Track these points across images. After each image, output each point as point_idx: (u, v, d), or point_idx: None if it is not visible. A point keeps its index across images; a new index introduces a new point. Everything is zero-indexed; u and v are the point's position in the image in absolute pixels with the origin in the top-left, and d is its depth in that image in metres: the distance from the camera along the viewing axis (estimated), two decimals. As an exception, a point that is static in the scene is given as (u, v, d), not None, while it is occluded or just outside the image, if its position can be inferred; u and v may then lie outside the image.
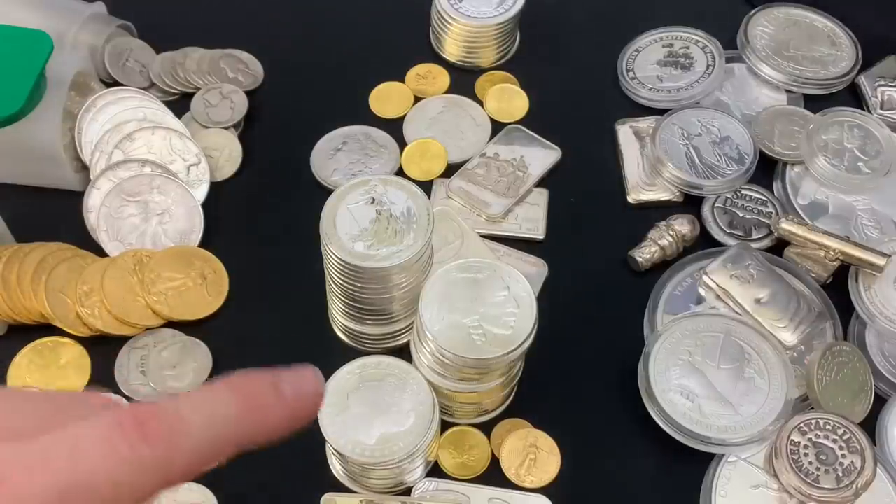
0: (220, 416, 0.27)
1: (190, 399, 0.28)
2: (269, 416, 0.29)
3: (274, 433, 0.29)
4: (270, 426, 0.29)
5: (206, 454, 0.27)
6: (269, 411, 0.29)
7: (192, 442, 0.26)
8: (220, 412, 0.27)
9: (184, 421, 0.27)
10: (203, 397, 0.28)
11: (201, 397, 0.28)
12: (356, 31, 0.67)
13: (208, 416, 0.27)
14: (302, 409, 0.30)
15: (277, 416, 0.29)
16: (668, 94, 0.63)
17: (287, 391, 0.29)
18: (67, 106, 0.56)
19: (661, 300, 0.54)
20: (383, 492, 0.48)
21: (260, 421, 0.28)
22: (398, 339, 0.52)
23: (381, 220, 0.46)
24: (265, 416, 0.29)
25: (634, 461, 0.50)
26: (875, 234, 0.57)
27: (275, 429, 0.29)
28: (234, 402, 0.28)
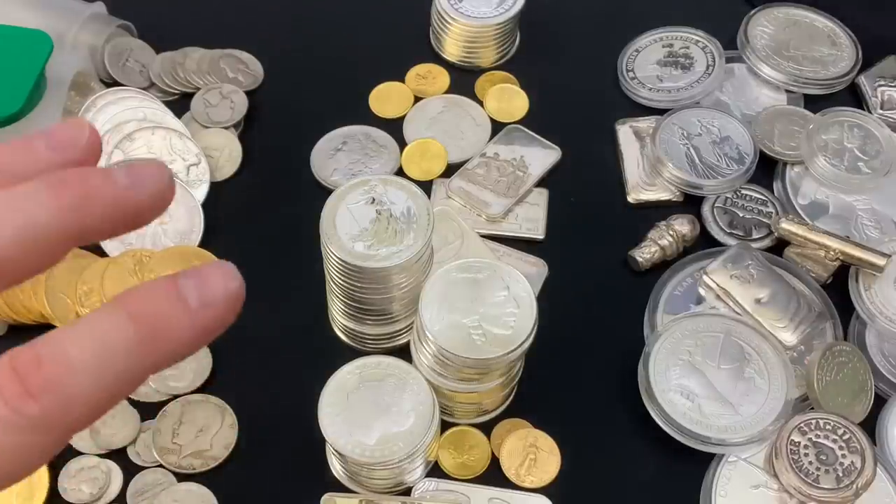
0: (116, 346, 0.23)
1: (77, 332, 0.23)
2: (175, 333, 0.24)
3: (184, 352, 0.25)
4: (178, 344, 0.24)
5: (107, 393, 0.23)
6: (175, 327, 0.24)
7: (86, 383, 0.23)
8: (115, 340, 0.23)
9: (73, 363, 0.23)
10: (92, 327, 0.23)
11: (90, 327, 0.23)
12: (356, 31, 0.67)
13: (101, 349, 0.23)
14: (215, 315, 0.25)
15: (185, 331, 0.24)
16: (668, 94, 0.63)
17: (192, 298, 0.24)
18: (67, 106, 0.56)
19: (661, 300, 0.54)
20: (383, 492, 0.48)
21: (165, 341, 0.24)
22: (398, 339, 0.52)
23: (381, 220, 0.46)
24: (170, 334, 0.24)
25: (634, 461, 0.50)
26: (875, 234, 0.57)
27: (184, 346, 0.25)
28: (130, 323, 0.24)
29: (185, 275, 0.25)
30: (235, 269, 0.26)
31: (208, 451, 0.49)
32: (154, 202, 0.26)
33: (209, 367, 0.51)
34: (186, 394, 0.51)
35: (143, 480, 0.48)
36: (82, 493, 0.47)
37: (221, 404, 0.50)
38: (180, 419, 0.50)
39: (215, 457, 0.49)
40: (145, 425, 0.50)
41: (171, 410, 0.50)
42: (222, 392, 0.51)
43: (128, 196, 0.25)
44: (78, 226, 0.24)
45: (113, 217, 0.25)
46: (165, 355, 0.24)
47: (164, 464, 0.48)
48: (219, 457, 0.49)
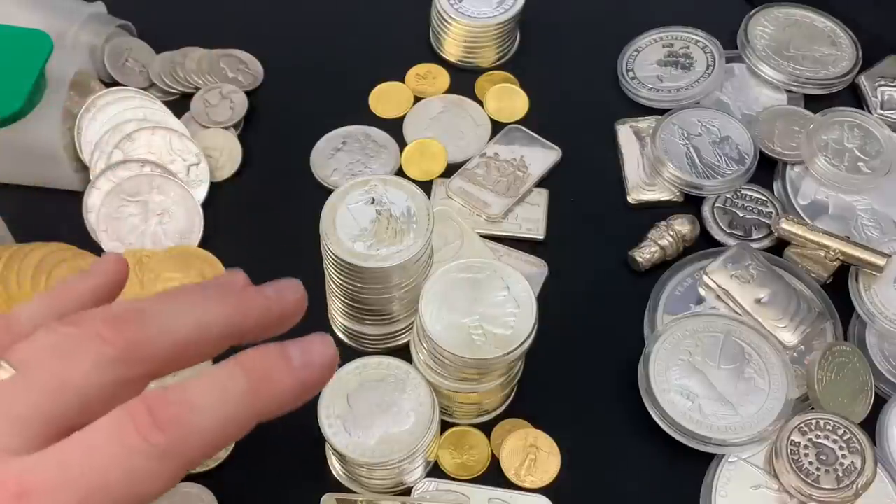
0: (231, 393, 0.28)
1: (199, 381, 0.28)
2: (280, 386, 0.29)
3: (287, 403, 0.29)
4: (282, 396, 0.29)
5: (222, 432, 0.28)
6: (279, 381, 0.29)
7: (205, 422, 0.27)
8: (230, 389, 0.28)
9: (194, 402, 0.27)
10: (213, 377, 0.28)
11: (210, 378, 0.28)
12: (356, 31, 0.67)
13: (218, 394, 0.28)
14: (312, 375, 0.30)
15: (288, 385, 0.29)
16: (668, 94, 0.63)
17: (295, 359, 0.30)
18: (67, 106, 0.56)
19: (661, 300, 0.54)
20: (383, 492, 0.48)
21: (271, 392, 0.29)
22: (398, 339, 0.52)
23: (381, 220, 0.46)
24: (275, 387, 0.29)
25: (634, 461, 0.50)
26: (875, 234, 0.57)
27: (287, 398, 0.29)
28: (243, 376, 0.28)
29: (292, 341, 0.31)
30: (331, 340, 0.32)
31: (208, 451, 0.49)
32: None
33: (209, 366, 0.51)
34: (186, 394, 0.51)
35: (143, 480, 0.48)
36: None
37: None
38: (180, 419, 0.49)
39: (215, 457, 0.49)
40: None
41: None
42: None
43: (273, 306, 0.33)
44: (237, 325, 0.31)
45: (262, 321, 0.32)
46: (272, 404, 0.29)
47: (164, 464, 0.48)
48: (219, 457, 0.49)
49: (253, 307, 0.32)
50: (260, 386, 0.29)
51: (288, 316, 0.33)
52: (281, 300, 0.33)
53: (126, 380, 0.29)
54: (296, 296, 0.33)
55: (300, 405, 0.30)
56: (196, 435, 0.27)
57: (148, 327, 0.29)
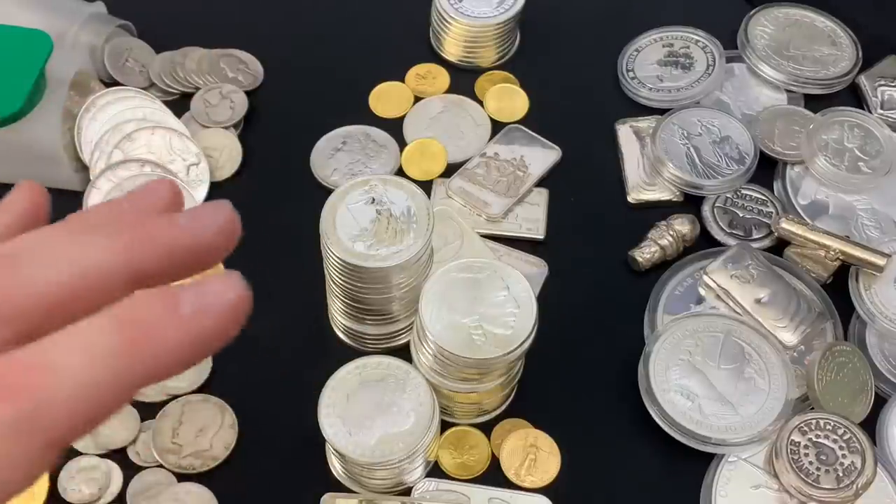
0: (99, 351, 0.22)
1: (62, 336, 0.22)
2: (163, 341, 0.23)
3: (174, 362, 0.23)
4: (167, 354, 0.23)
5: (91, 400, 0.22)
6: (163, 335, 0.23)
7: (67, 389, 0.22)
8: (99, 346, 0.22)
9: (54, 363, 0.22)
10: (79, 332, 0.22)
11: (75, 332, 0.22)
12: (356, 31, 0.67)
13: (84, 353, 0.22)
14: (207, 325, 0.23)
15: (173, 339, 0.23)
16: (669, 93, 0.63)
17: (185, 304, 0.23)
18: (67, 106, 0.56)
19: (661, 300, 0.54)
20: (383, 492, 0.48)
21: (152, 350, 0.22)
22: (398, 339, 0.52)
23: (381, 220, 0.46)
24: (157, 342, 0.23)
25: (634, 461, 0.50)
26: (875, 234, 0.57)
27: (174, 356, 0.23)
28: (116, 330, 0.22)
29: (185, 284, 0.24)
30: (240, 278, 0.25)
31: (208, 451, 0.49)
32: (216, 241, 0.26)
33: (209, 367, 0.51)
34: (186, 394, 0.51)
35: (143, 480, 0.48)
36: (82, 494, 0.47)
37: (221, 404, 0.50)
38: (180, 419, 0.50)
39: (215, 457, 0.49)
40: (145, 425, 0.50)
41: (170, 410, 0.50)
42: (222, 392, 0.51)
43: (185, 236, 0.25)
44: (135, 266, 0.24)
45: (172, 258, 0.25)
46: (154, 364, 0.23)
47: (164, 464, 0.48)
48: (219, 457, 0.49)
49: (156, 241, 0.25)
50: (137, 342, 0.22)
51: (209, 249, 0.26)
52: (196, 229, 0.26)
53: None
54: (216, 221, 0.26)
55: (196, 364, 0.24)
56: (57, 405, 0.21)
57: (16, 276, 0.23)
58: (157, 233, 0.25)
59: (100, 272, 0.24)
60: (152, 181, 0.28)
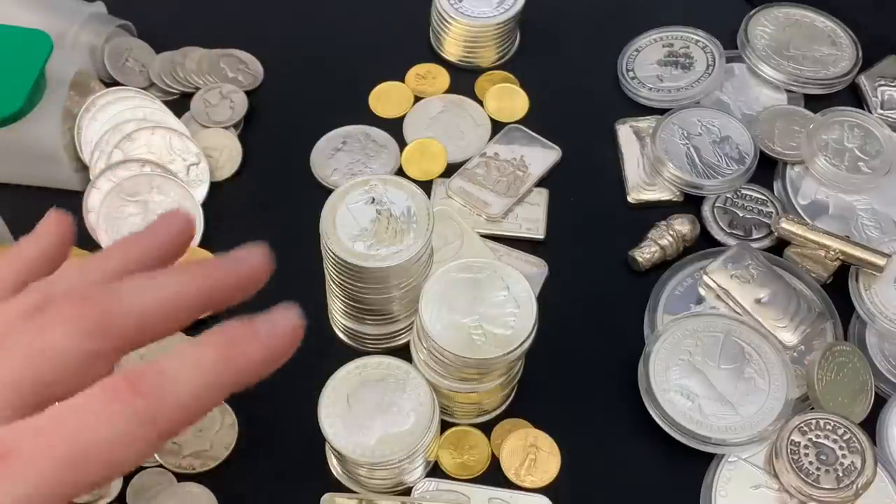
0: (204, 364, 0.30)
1: (172, 355, 0.30)
2: (249, 355, 0.31)
3: (257, 371, 0.31)
4: (253, 365, 0.31)
5: (198, 400, 0.30)
6: (248, 351, 0.31)
7: (180, 389, 0.29)
8: (203, 360, 0.30)
9: (170, 373, 0.29)
10: (183, 351, 0.30)
11: (182, 351, 0.30)
12: (356, 31, 0.67)
13: (192, 365, 0.30)
14: (280, 344, 0.32)
15: (257, 354, 0.31)
16: (669, 93, 0.63)
17: (261, 329, 0.31)
18: (67, 106, 0.56)
19: (661, 300, 0.54)
20: (383, 492, 0.48)
21: (241, 362, 0.31)
22: (398, 339, 0.52)
23: (381, 220, 0.46)
24: (245, 356, 0.31)
25: (634, 461, 0.50)
26: (875, 234, 0.57)
27: (257, 367, 0.31)
28: (213, 348, 0.30)
29: (258, 315, 0.32)
30: (296, 309, 0.33)
31: (208, 451, 0.49)
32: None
33: (209, 367, 0.51)
34: (186, 394, 0.51)
35: (143, 480, 0.48)
36: (82, 494, 0.47)
37: (221, 404, 0.50)
38: (180, 419, 0.49)
39: (215, 457, 0.49)
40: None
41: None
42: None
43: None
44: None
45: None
46: (243, 373, 0.31)
47: (164, 464, 0.48)
48: (219, 457, 0.49)
49: (219, 278, 0.34)
50: (230, 356, 0.30)
51: (253, 281, 0.35)
52: (243, 267, 0.36)
53: (99, 352, 0.30)
54: (259, 260, 0.36)
55: (271, 372, 0.32)
56: (174, 402, 0.29)
57: (120, 301, 0.31)
58: (219, 273, 0.35)
59: (182, 301, 0.32)
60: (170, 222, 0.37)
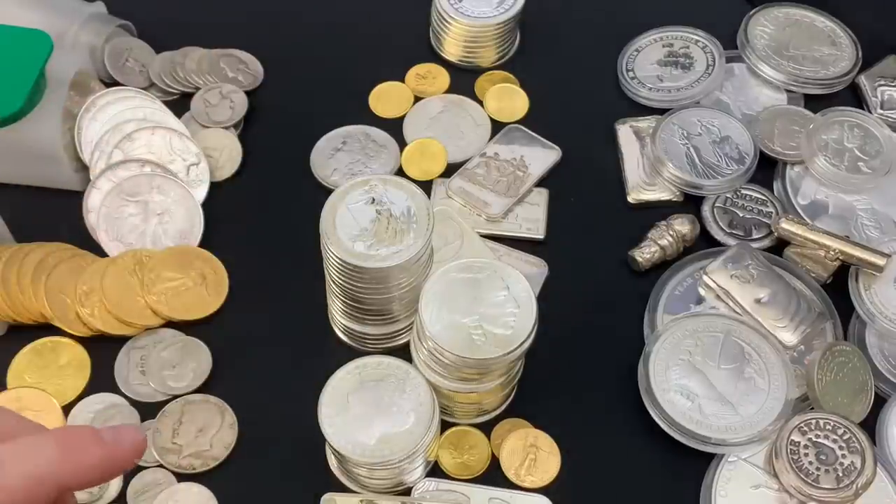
0: (39, 456, 0.31)
1: (10, 443, 0.31)
2: (89, 456, 0.32)
3: (95, 473, 0.33)
4: (91, 467, 0.32)
5: (27, 490, 0.30)
6: (87, 453, 0.32)
7: (10, 480, 0.30)
8: (39, 453, 0.31)
9: (2, 460, 0.30)
10: (24, 441, 0.31)
11: (22, 441, 0.31)
12: (356, 31, 0.67)
13: (26, 455, 0.31)
14: (121, 452, 0.33)
15: (96, 457, 0.32)
16: (668, 93, 0.63)
17: (106, 436, 0.33)
18: (67, 106, 0.56)
19: (661, 300, 0.54)
20: (383, 492, 0.48)
21: (79, 460, 0.32)
22: (398, 339, 0.52)
23: (381, 220, 0.46)
24: (84, 456, 0.32)
25: (634, 461, 0.50)
26: (875, 234, 0.57)
27: (96, 470, 0.32)
28: (53, 443, 0.32)
29: (105, 427, 0.34)
30: (139, 428, 0.35)
31: (208, 451, 0.49)
32: (131, 456, 0.34)
33: (209, 367, 0.51)
34: (186, 394, 0.51)
35: (143, 480, 0.48)
36: (82, 494, 0.47)
37: (221, 404, 0.50)
38: (180, 419, 0.50)
39: (215, 457, 0.49)
40: (145, 425, 0.50)
41: (171, 410, 0.50)
42: (222, 392, 0.51)
43: (113, 451, 0.33)
44: (71, 473, 0.32)
45: (101, 469, 0.33)
46: (79, 471, 0.32)
47: (164, 464, 0.48)
48: (219, 457, 0.49)
49: (90, 457, 0.33)
50: (69, 452, 0.31)
51: (125, 462, 0.34)
52: (117, 449, 0.34)
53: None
54: (133, 442, 0.34)
55: (107, 480, 0.33)
56: (4, 487, 0.30)
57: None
58: (90, 453, 0.33)
59: (46, 480, 0.31)
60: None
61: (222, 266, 0.55)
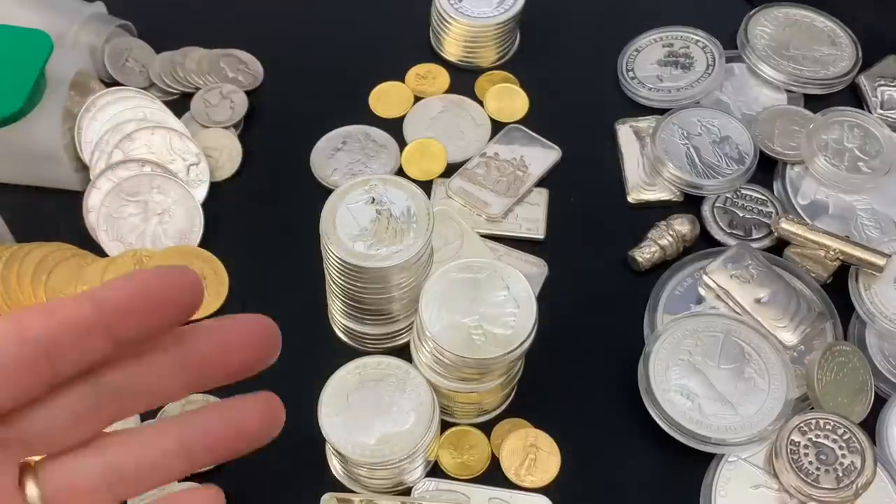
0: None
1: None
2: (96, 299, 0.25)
3: (133, 321, 0.26)
4: (123, 309, 0.26)
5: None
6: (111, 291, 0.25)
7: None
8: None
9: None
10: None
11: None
12: (356, 31, 0.67)
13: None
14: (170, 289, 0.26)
15: (124, 293, 0.26)
16: (668, 93, 0.63)
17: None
18: (67, 106, 0.56)
19: (661, 300, 0.54)
20: (383, 492, 0.48)
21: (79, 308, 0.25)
22: (398, 339, 0.52)
23: (381, 220, 0.46)
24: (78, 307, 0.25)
25: (634, 461, 0.50)
26: (875, 234, 0.57)
27: (131, 314, 0.26)
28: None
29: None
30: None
31: (208, 451, 0.49)
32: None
33: (209, 367, 0.51)
34: (186, 394, 0.51)
35: (143, 480, 0.48)
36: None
37: None
38: (180, 419, 0.49)
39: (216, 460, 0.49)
40: (145, 425, 0.49)
41: (170, 410, 0.50)
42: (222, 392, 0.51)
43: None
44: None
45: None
46: (107, 315, 0.25)
47: (164, 464, 0.48)
48: (218, 457, 0.49)
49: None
50: (51, 305, 0.25)
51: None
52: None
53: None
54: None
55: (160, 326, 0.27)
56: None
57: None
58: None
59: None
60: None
61: (222, 266, 0.55)
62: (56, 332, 0.25)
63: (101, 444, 0.27)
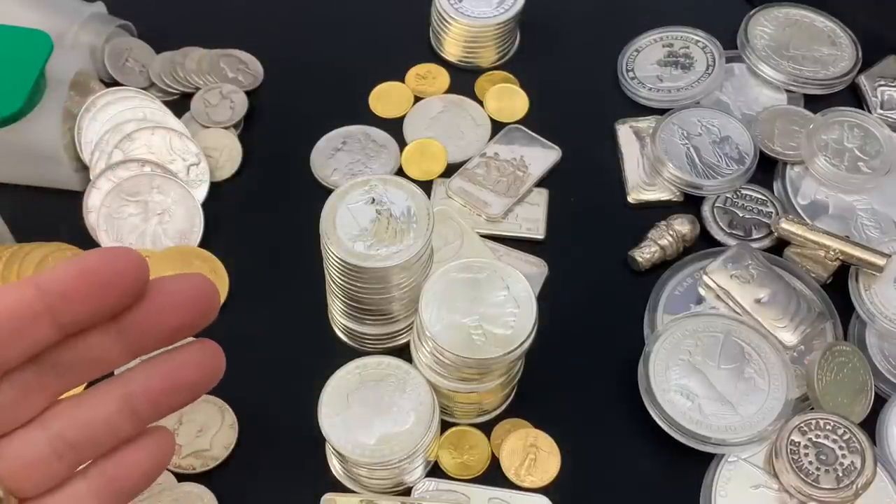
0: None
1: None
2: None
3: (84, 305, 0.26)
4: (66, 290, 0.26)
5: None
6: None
7: None
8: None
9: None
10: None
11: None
12: (356, 31, 0.67)
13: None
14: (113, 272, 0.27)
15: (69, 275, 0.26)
16: (668, 93, 0.63)
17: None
18: (67, 106, 0.56)
19: (661, 300, 0.54)
20: (383, 492, 0.48)
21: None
22: (398, 339, 0.52)
23: (381, 220, 0.46)
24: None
25: (634, 461, 0.50)
26: (875, 234, 0.57)
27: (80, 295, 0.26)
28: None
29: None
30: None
31: (208, 451, 0.49)
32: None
33: (209, 367, 0.51)
34: (186, 394, 0.51)
35: (143, 480, 0.48)
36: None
37: (221, 404, 0.50)
38: (180, 419, 0.50)
39: (215, 457, 0.49)
40: (145, 425, 0.49)
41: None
42: (222, 392, 0.51)
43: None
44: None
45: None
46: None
47: (164, 464, 0.48)
48: (219, 457, 0.49)
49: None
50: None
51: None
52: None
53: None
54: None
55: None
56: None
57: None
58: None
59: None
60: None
61: (222, 266, 0.55)
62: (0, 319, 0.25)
63: (46, 416, 0.28)
